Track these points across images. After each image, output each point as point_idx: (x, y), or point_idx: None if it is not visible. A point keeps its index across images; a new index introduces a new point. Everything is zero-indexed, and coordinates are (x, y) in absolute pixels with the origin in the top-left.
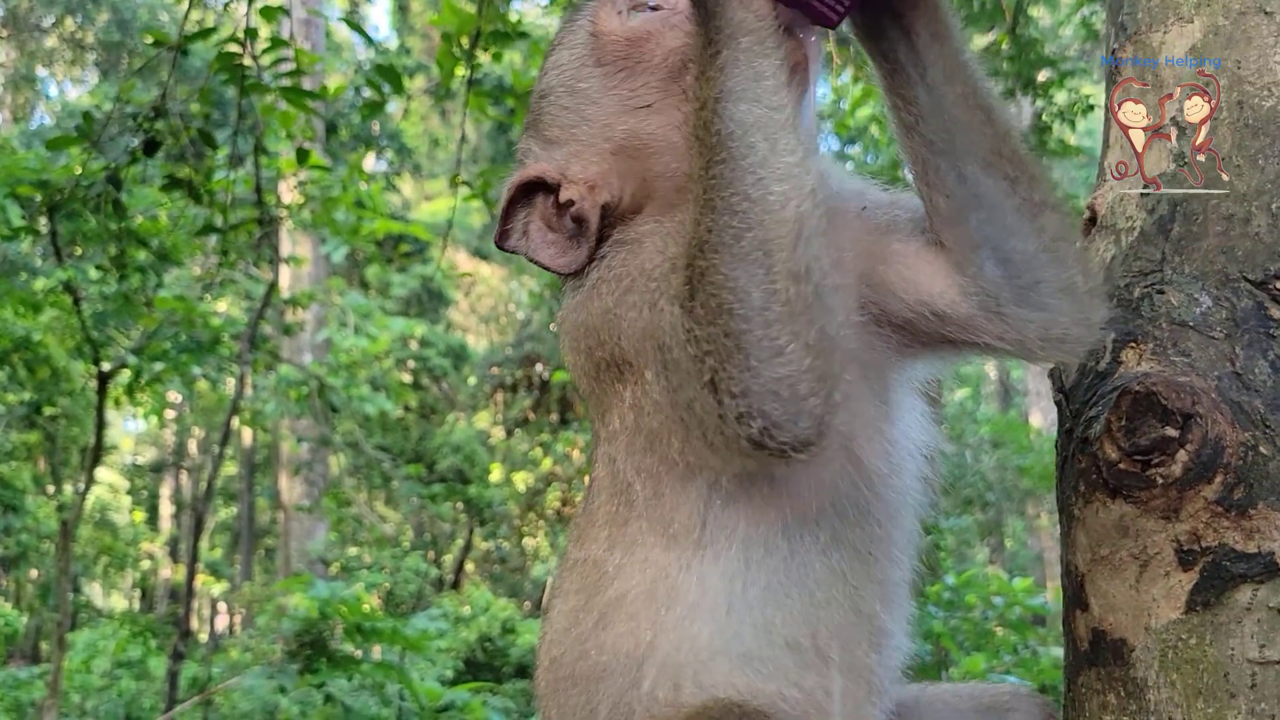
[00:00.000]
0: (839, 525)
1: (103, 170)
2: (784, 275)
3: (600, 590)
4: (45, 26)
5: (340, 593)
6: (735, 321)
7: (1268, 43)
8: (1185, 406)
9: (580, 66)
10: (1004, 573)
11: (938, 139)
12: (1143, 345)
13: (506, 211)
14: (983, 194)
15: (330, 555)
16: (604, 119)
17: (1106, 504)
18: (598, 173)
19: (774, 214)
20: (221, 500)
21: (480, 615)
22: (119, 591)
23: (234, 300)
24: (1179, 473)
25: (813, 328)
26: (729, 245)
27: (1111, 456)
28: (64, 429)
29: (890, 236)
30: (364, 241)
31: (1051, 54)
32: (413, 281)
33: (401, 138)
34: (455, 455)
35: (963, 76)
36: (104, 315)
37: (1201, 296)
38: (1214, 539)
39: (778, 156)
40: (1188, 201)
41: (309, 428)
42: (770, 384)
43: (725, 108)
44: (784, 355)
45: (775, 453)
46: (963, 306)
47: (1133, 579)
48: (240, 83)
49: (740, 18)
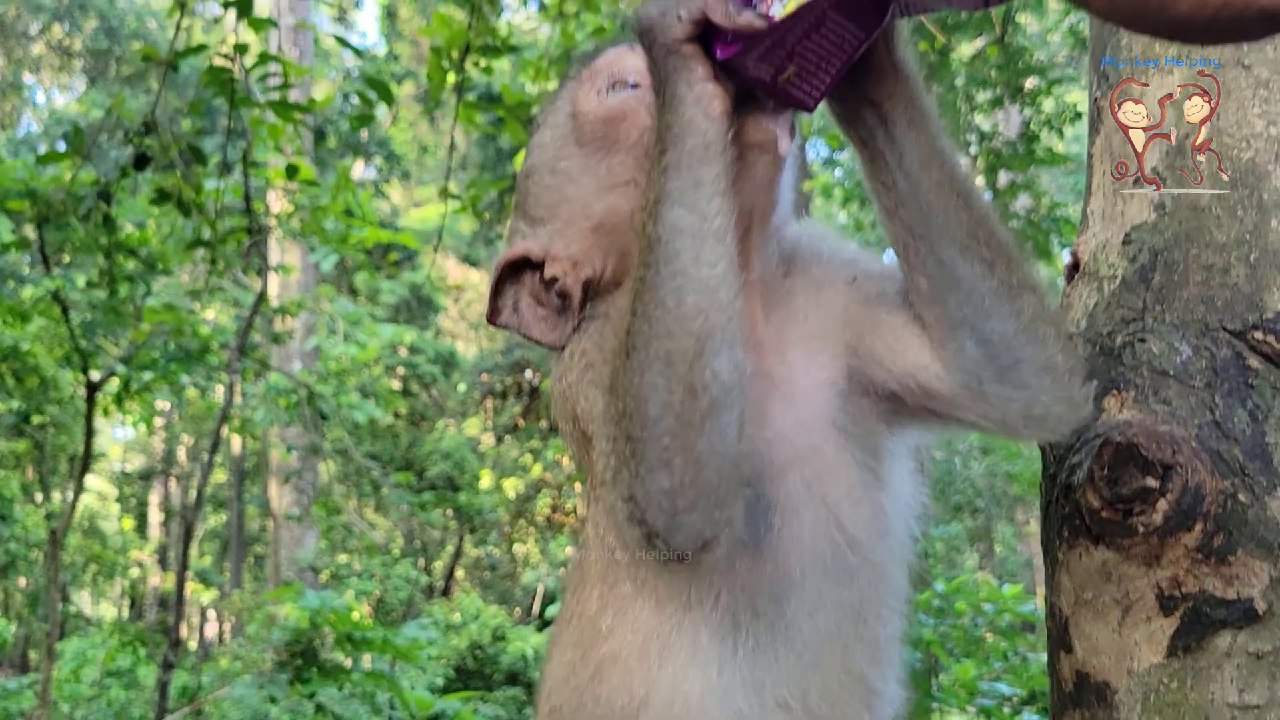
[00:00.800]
0: (825, 587)
1: (93, 182)
2: (682, 388)
3: (595, 646)
4: (32, 33)
5: (331, 602)
6: (633, 427)
7: (1246, 95)
8: (1166, 457)
9: (561, 146)
10: (994, 579)
11: (915, 223)
12: (1124, 393)
13: (496, 289)
14: (960, 276)
15: (320, 563)
16: (583, 198)
17: (1089, 549)
18: (579, 250)
19: (683, 324)
20: (211, 508)
21: (471, 623)
22: (108, 600)
23: (223, 308)
24: (1160, 521)
25: (702, 443)
26: (639, 350)
27: (1094, 504)
28: (52, 437)
29: (879, 308)
30: (353, 250)
31: (1039, 61)
32: (402, 288)
33: (390, 145)
34: (445, 462)
35: (939, 163)
36: (92, 324)
37: (1182, 345)
38: (1194, 585)
39: (699, 268)
40: (1169, 250)
41: (298, 435)
42: (654, 494)
43: (660, 211)
44: (670, 468)
45: (658, 558)
46: (946, 383)
47: (1115, 623)
48: (230, 96)
49: (690, 117)
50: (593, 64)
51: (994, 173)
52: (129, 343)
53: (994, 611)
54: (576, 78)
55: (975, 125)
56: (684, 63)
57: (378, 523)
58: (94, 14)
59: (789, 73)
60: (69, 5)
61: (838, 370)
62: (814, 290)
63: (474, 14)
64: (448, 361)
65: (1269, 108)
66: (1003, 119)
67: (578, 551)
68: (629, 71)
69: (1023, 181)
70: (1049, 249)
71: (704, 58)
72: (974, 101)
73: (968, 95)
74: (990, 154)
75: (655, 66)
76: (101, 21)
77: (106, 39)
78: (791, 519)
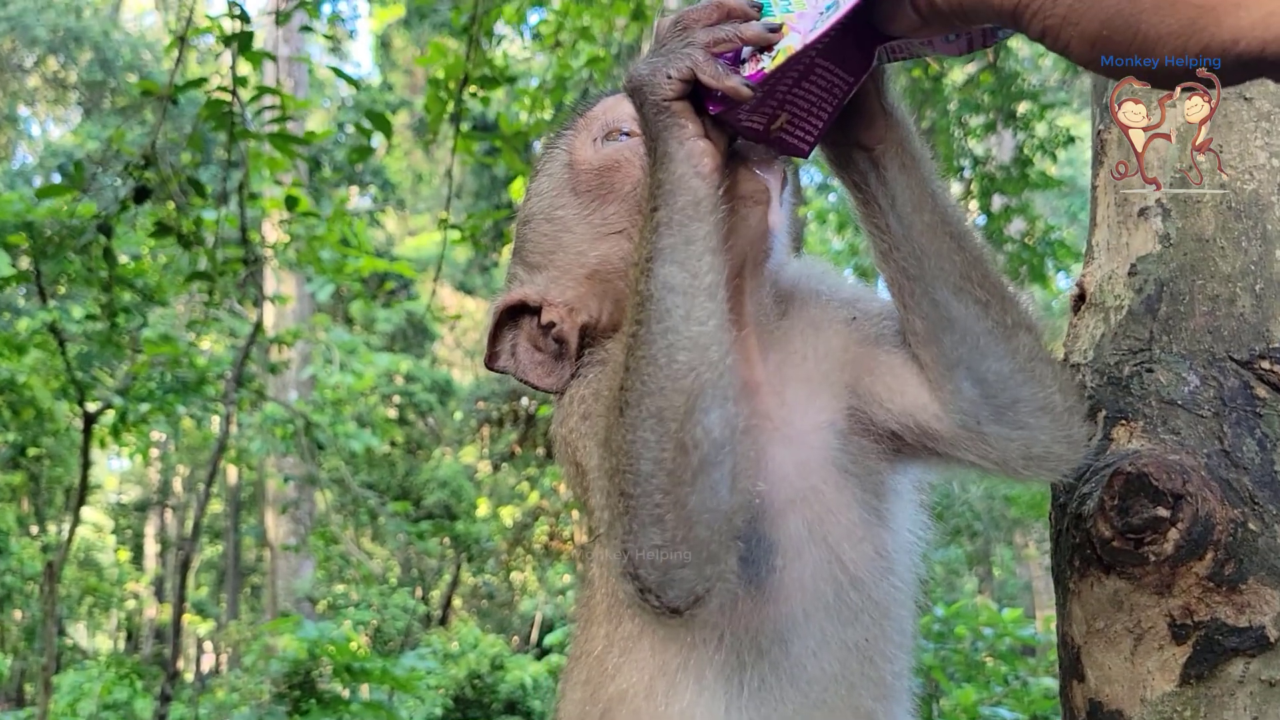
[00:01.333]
0: (829, 627)
1: (92, 216)
2: (673, 445)
3: (603, 685)
4: (27, 66)
5: (329, 632)
6: (625, 483)
7: (1248, 128)
8: (1176, 486)
9: (558, 195)
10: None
11: (909, 265)
12: (1133, 423)
13: (494, 334)
14: (955, 317)
15: (317, 593)
16: (579, 246)
17: (1101, 579)
18: (575, 296)
19: (674, 382)
20: (207, 538)
21: (469, 652)
22: (104, 632)
23: (219, 339)
24: (1171, 550)
25: (693, 499)
26: (631, 406)
27: (1105, 534)
28: (48, 469)
29: (878, 348)
30: (349, 279)
31: (1032, 86)
32: (397, 317)
33: (385, 174)
34: (442, 491)
35: (931, 205)
36: (89, 356)
37: (1189, 375)
38: (1206, 614)
39: (690, 324)
40: (1174, 281)
41: (295, 465)
42: (647, 551)
43: (652, 268)
44: (662, 524)
45: (650, 612)
46: (944, 423)
47: (1128, 652)
48: (230, 129)
49: (681, 174)
50: (588, 113)
51: (988, 197)
52: (125, 374)
53: (994, 635)
54: (573, 126)
55: (969, 150)
56: (674, 120)
57: (375, 552)
58: (89, 47)
59: (781, 121)
60: (64, 38)
61: (837, 410)
62: (812, 331)
63: (471, 45)
64: (444, 390)
65: (1271, 140)
66: (996, 144)
67: (583, 590)
68: (624, 119)
69: (1017, 206)
70: (1044, 273)
71: (694, 114)
72: (967, 127)
73: (960, 120)
74: (984, 178)
75: (646, 124)
76: (96, 54)
77: (101, 71)
78: (794, 560)
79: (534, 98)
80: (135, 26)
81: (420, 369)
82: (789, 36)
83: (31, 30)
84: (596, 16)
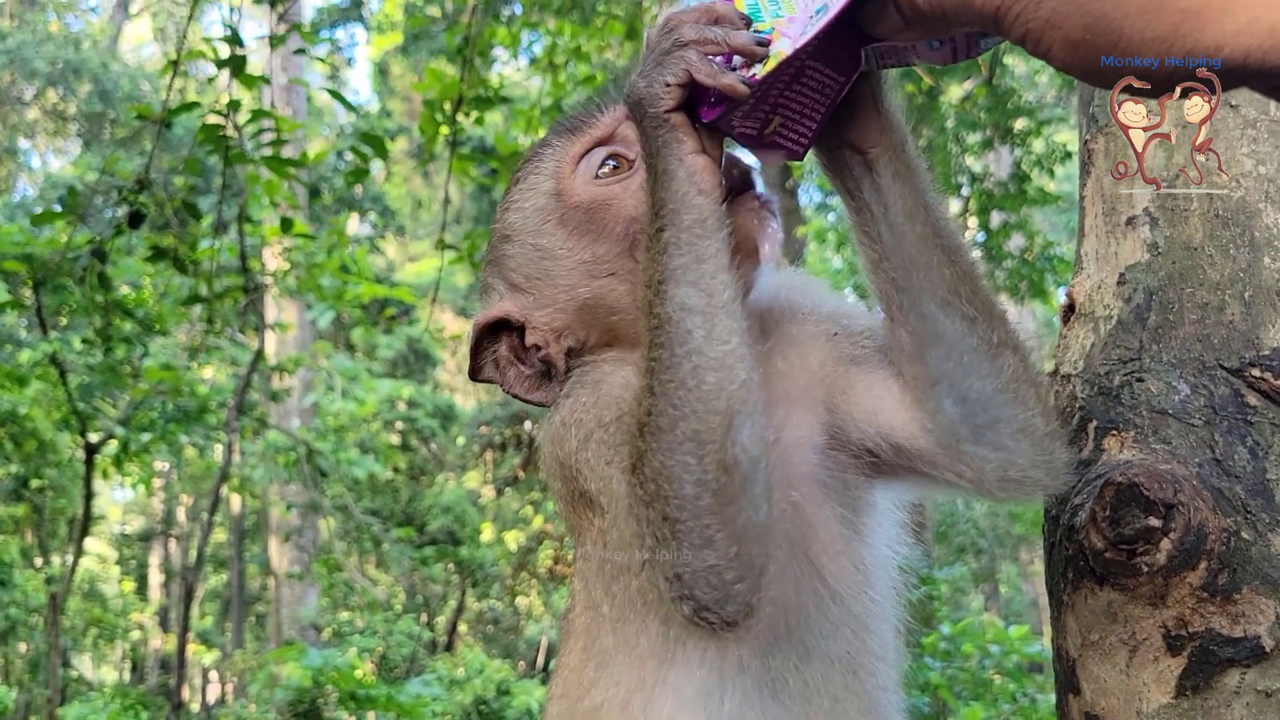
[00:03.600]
0: (811, 640)
1: (88, 243)
2: (714, 466)
3: (580, 699)
4: (27, 99)
5: (334, 660)
6: (670, 509)
7: (1234, 135)
8: (1167, 496)
9: (543, 221)
10: (999, 620)
11: (899, 276)
12: (1124, 433)
13: (476, 347)
14: (942, 332)
15: (322, 621)
16: (568, 280)
17: (1094, 590)
18: (562, 324)
19: (706, 404)
20: (211, 568)
21: (475, 677)
22: (109, 663)
23: (220, 367)
24: (1164, 560)
25: (741, 516)
26: (665, 431)
27: (1097, 545)
28: (51, 500)
29: (857, 366)
30: (350, 305)
31: (1028, 102)
32: (399, 343)
33: (384, 200)
34: (445, 516)
35: (924, 216)
36: (90, 386)
37: (1180, 384)
38: (1201, 624)
39: (713, 345)
40: (1163, 290)
41: (298, 493)
42: (701, 572)
43: (666, 290)
44: (714, 545)
45: (707, 629)
46: (921, 441)
47: (1123, 664)
48: (225, 153)
49: (684, 192)
50: (573, 134)
51: (986, 213)
52: (127, 404)
53: (1001, 653)
54: (558, 144)
55: (966, 167)
56: (673, 135)
57: (379, 579)
58: (88, 78)
59: (775, 124)
60: (63, 70)
61: (815, 427)
62: (792, 348)
63: (465, 67)
64: (446, 415)
65: (1257, 147)
66: (993, 160)
67: (566, 606)
68: (615, 143)
69: (1015, 221)
70: (1044, 288)
71: (692, 128)
72: (964, 143)
73: (958, 137)
74: (982, 195)
75: (646, 139)
76: (95, 85)
77: (101, 103)
78: (776, 575)
79: (529, 119)
80: (134, 58)
81: (422, 394)
82: (779, 41)
83: (31, 63)
84: (591, 36)
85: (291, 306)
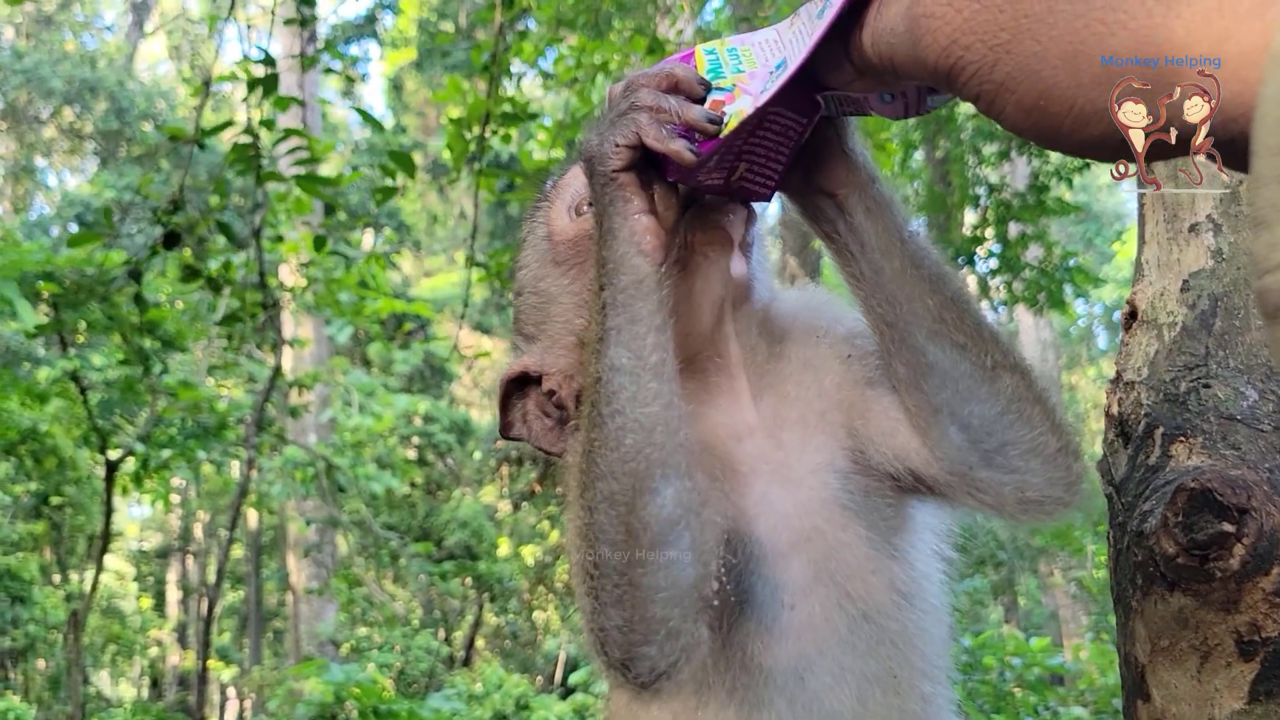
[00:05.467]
0: (847, 659)
1: (122, 264)
2: (623, 528)
3: None
4: (43, 118)
5: (354, 675)
6: (588, 564)
7: None
8: (1240, 501)
9: (540, 266)
10: (1019, 632)
11: (885, 311)
12: (1192, 439)
13: (504, 404)
14: (933, 362)
15: (340, 636)
16: (565, 316)
17: (1165, 597)
18: (568, 364)
19: (624, 465)
20: (229, 584)
21: (494, 692)
22: (128, 680)
23: (238, 383)
24: (1236, 566)
25: (649, 579)
26: (587, 489)
27: (1169, 551)
28: (70, 518)
29: (873, 390)
30: (367, 321)
31: None
32: (415, 358)
33: (400, 215)
34: (463, 531)
35: (900, 249)
36: (110, 403)
37: (1247, 390)
38: (1274, 629)
39: (635, 407)
40: (1228, 296)
41: (316, 508)
42: (610, 629)
43: (601, 349)
44: (621, 604)
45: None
46: (935, 468)
47: (1194, 670)
48: (257, 173)
49: (623, 253)
50: (559, 182)
51: (1004, 224)
52: (147, 419)
53: (1023, 665)
54: (548, 198)
55: (984, 178)
56: (619, 193)
57: (397, 594)
58: (104, 97)
59: (740, 170)
60: (79, 88)
61: (835, 451)
62: (807, 370)
63: (492, 83)
64: (463, 430)
65: None
66: (1010, 171)
67: None
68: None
69: (1034, 232)
70: (1062, 299)
71: (640, 187)
72: (981, 154)
73: (975, 149)
74: (1000, 206)
75: (595, 197)
76: (112, 104)
77: (117, 121)
78: (802, 599)
79: (551, 135)
80: (149, 76)
81: (439, 409)
82: (740, 100)
83: (48, 82)
84: (612, 51)
85: (309, 322)
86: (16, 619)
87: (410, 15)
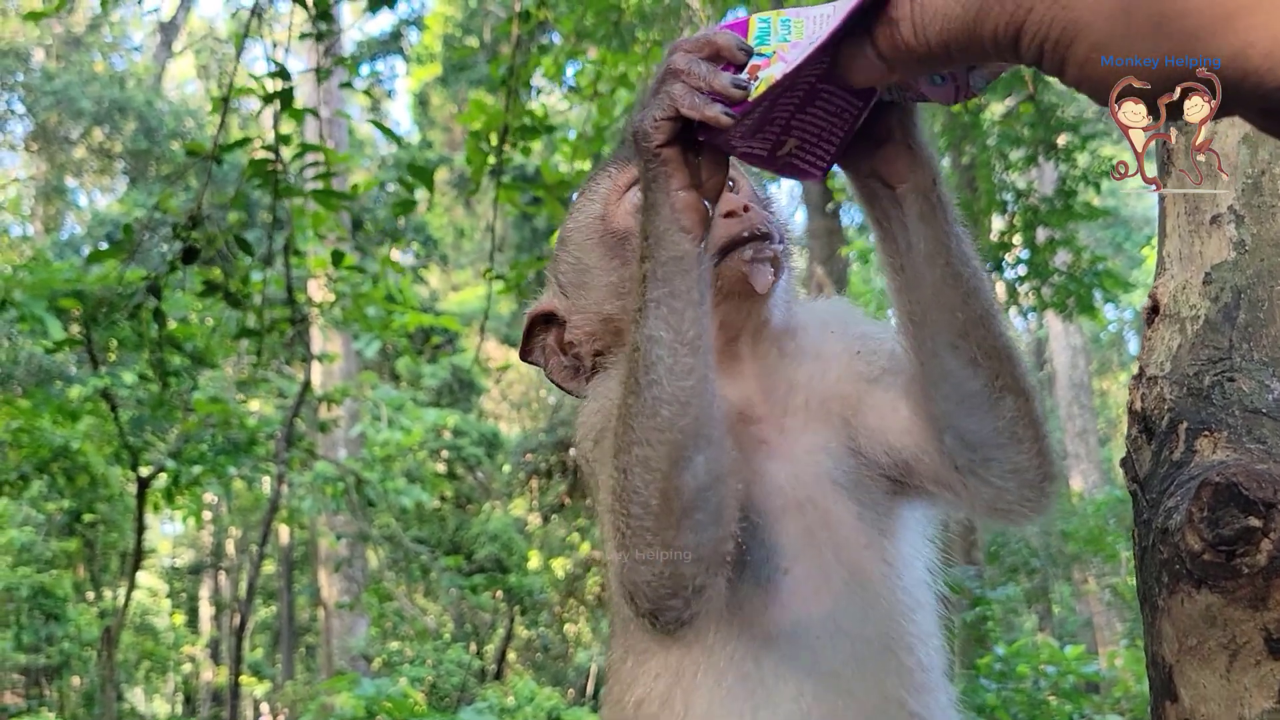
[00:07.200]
0: (843, 620)
1: (142, 279)
2: (657, 493)
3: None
4: (73, 138)
5: (386, 689)
6: (620, 521)
7: None
8: (1266, 495)
9: (586, 238)
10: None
11: (915, 311)
12: (1217, 433)
13: (527, 333)
14: (948, 372)
15: (372, 651)
16: (599, 294)
17: (1192, 594)
18: (591, 329)
19: (658, 434)
20: (261, 599)
21: (525, 705)
22: (161, 696)
23: (267, 399)
24: (1264, 561)
25: (679, 539)
26: (623, 451)
27: (1195, 547)
28: (103, 535)
29: (874, 385)
30: (395, 335)
31: (1071, 117)
32: (443, 372)
33: (427, 230)
34: (493, 544)
35: (944, 261)
36: (141, 420)
37: (1273, 383)
38: None
39: (673, 379)
40: (1252, 288)
41: (346, 523)
42: (640, 581)
43: (641, 319)
44: (651, 561)
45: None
46: (924, 464)
47: (1223, 669)
48: (274, 187)
49: (665, 228)
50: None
51: (1031, 230)
52: (178, 436)
53: (1057, 674)
54: (611, 172)
55: (1011, 184)
56: (663, 169)
57: (428, 608)
58: (133, 116)
59: (789, 146)
60: (109, 109)
61: (830, 437)
62: (816, 361)
63: (510, 97)
64: (491, 443)
65: None
66: (1037, 176)
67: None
68: None
69: (1061, 238)
70: (1091, 304)
71: (683, 162)
72: (1008, 160)
73: (1001, 154)
74: (1027, 211)
75: (641, 172)
76: (141, 123)
77: (146, 140)
78: (796, 562)
79: (574, 147)
80: (178, 95)
81: (467, 423)
82: (774, 65)
83: (77, 102)
84: (633, 63)
85: (337, 337)
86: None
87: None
